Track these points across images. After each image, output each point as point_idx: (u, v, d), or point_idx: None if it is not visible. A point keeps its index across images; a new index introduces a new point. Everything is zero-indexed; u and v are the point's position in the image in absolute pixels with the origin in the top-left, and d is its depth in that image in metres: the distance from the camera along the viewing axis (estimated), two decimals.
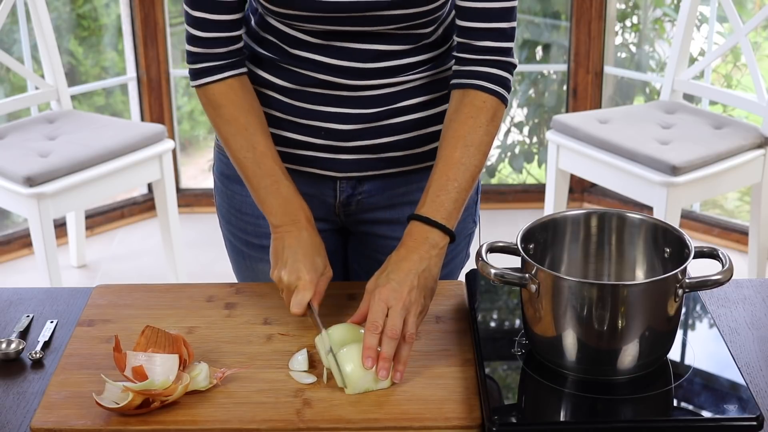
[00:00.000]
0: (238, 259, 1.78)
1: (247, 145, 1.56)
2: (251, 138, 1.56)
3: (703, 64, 3.47)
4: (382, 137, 1.62)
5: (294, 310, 1.47)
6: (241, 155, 1.57)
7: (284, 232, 1.54)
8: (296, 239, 1.52)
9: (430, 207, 1.48)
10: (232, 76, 1.58)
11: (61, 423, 1.30)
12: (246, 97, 1.59)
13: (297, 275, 1.49)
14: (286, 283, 1.49)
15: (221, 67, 1.57)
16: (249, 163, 1.57)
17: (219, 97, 1.58)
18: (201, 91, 1.59)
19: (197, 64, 1.58)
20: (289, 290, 1.49)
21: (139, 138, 3.27)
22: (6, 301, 1.62)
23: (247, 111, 1.58)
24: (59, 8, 4.10)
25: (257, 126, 1.57)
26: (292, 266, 1.49)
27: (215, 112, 1.58)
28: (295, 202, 1.56)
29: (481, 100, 1.52)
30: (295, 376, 1.39)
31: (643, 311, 1.31)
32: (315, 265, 1.50)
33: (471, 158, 1.50)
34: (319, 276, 1.50)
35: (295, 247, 1.51)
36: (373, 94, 1.60)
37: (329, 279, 1.53)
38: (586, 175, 3.39)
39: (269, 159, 1.57)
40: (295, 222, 1.54)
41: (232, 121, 1.57)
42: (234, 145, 1.57)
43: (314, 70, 1.58)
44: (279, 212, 1.55)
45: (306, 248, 1.52)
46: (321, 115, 1.61)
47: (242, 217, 1.72)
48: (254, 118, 1.58)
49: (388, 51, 1.57)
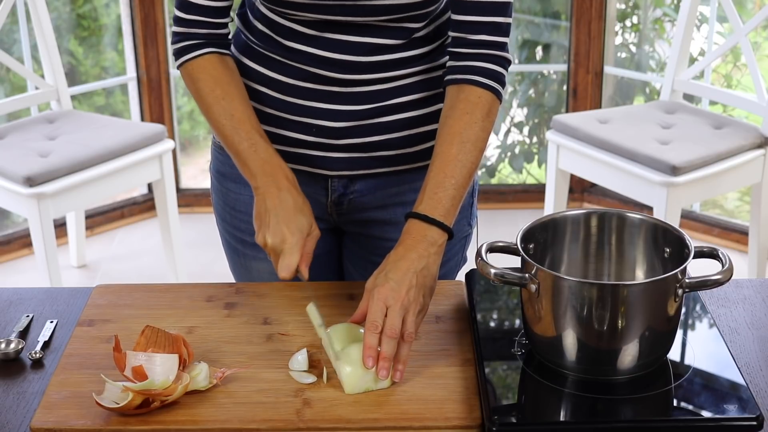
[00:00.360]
0: (233, 257, 1.79)
1: (225, 113, 1.57)
2: (228, 106, 1.57)
3: (703, 64, 3.47)
4: (373, 135, 1.62)
5: (282, 274, 1.46)
6: (219, 124, 1.57)
7: (265, 193, 1.52)
8: (277, 199, 1.51)
9: (427, 204, 1.47)
10: (211, 52, 1.60)
11: (61, 423, 1.30)
12: (224, 71, 1.60)
13: (281, 237, 1.47)
14: (271, 245, 1.48)
15: (201, 44, 1.60)
16: (227, 130, 1.57)
17: (197, 70, 1.59)
18: (182, 69, 1.61)
19: (179, 44, 1.61)
20: (276, 253, 1.48)
21: (139, 138, 3.27)
22: (6, 301, 1.62)
23: (225, 82, 1.59)
24: (59, 8, 4.10)
25: (234, 94, 1.58)
26: (275, 228, 1.48)
27: (194, 86, 1.60)
28: (274, 162, 1.55)
29: (476, 96, 1.52)
30: (295, 376, 1.39)
31: (643, 311, 1.31)
32: (299, 225, 1.48)
33: (467, 154, 1.50)
34: (305, 236, 1.49)
35: (277, 209, 1.50)
36: (365, 90, 1.60)
37: (317, 238, 1.51)
38: (586, 175, 3.39)
39: (246, 124, 1.57)
40: (275, 182, 1.52)
41: (209, 92, 1.58)
42: (213, 115, 1.58)
43: (306, 63, 1.59)
44: (258, 173, 1.54)
45: (288, 208, 1.50)
46: (313, 111, 1.61)
47: (236, 215, 1.73)
48: (232, 88, 1.59)
49: (380, 45, 1.57)
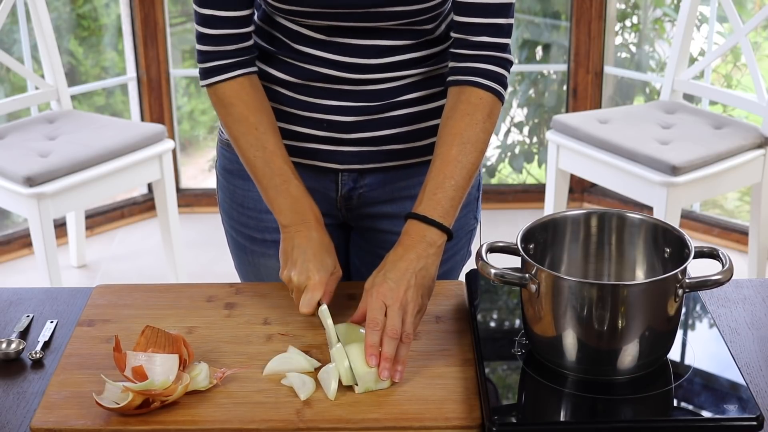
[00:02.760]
0: (240, 254, 1.79)
1: (257, 144, 1.56)
2: (261, 137, 1.56)
3: (703, 64, 3.47)
4: (382, 130, 1.63)
5: (303, 310, 1.47)
6: (250, 154, 1.57)
7: (294, 232, 1.54)
8: (306, 239, 1.52)
9: (427, 205, 1.48)
10: (242, 74, 1.58)
11: (61, 423, 1.30)
12: (256, 96, 1.59)
13: (307, 275, 1.48)
14: (296, 283, 1.49)
15: (231, 65, 1.58)
16: (259, 162, 1.57)
17: (229, 96, 1.58)
18: (211, 90, 1.59)
19: (207, 63, 1.58)
20: (299, 290, 1.49)
21: (139, 138, 3.27)
22: (6, 301, 1.62)
23: (257, 110, 1.58)
24: (59, 8, 4.10)
25: (267, 125, 1.58)
26: (302, 266, 1.49)
27: (225, 110, 1.59)
28: (305, 202, 1.56)
29: (478, 97, 1.52)
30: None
31: (643, 311, 1.31)
32: (325, 264, 1.50)
33: (468, 155, 1.50)
34: (329, 275, 1.50)
35: (304, 247, 1.51)
36: (375, 88, 1.60)
37: (339, 278, 1.53)
38: (586, 175, 3.39)
39: (279, 158, 1.57)
40: (304, 221, 1.54)
41: (242, 120, 1.57)
42: (244, 144, 1.57)
43: (318, 65, 1.59)
44: (288, 212, 1.55)
45: (315, 248, 1.51)
46: (323, 107, 1.62)
47: (244, 211, 1.73)
48: (264, 117, 1.58)
49: (390, 46, 1.57)
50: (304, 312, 1.47)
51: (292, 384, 1.37)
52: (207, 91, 1.61)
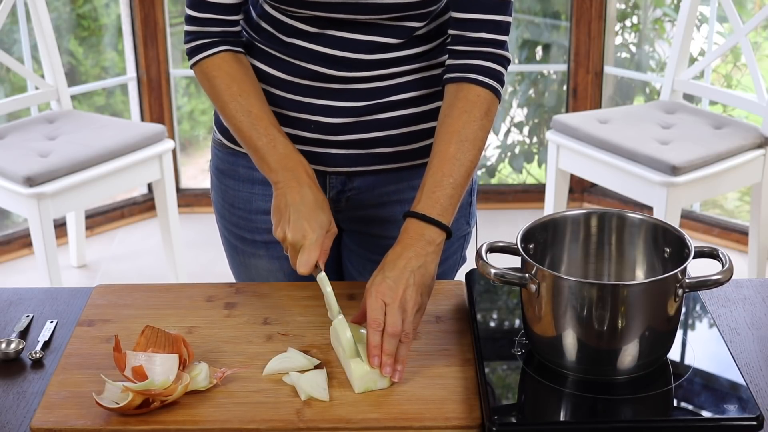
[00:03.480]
0: (232, 254, 1.79)
1: (242, 109, 1.57)
2: (245, 103, 1.57)
3: (703, 64, 3.47)
4: (372, 132, 1.62)
5: (301, 270, 1.46)
6: (237, 120, 1.57)
7: (285, 188, 1.52)
8: (299, 194, 1.50)
9: (425, 203, 1.47)
10: (225, 50, 1.60)
11: (61, 423, 1.30)
12: (240, 68, 1.60)
13: (302, 233, 1.47)
14: (290, 240, 1.48)
15: (215, 42, 1.60)
16: (245, 127, 1.56)
17: (212, 69, 1.59)
18: (197, 68, 1.61)
19: (192, 43, 1.60)
20: (294, 248, 1.48)
21: (139, 138, 3.27)
22: (6, 301, 1.62)
23: (240, 79, 1.58)
24: (59, 8, 4.10)
25: (251, 91, 1.58)
26: (296, 223, 1.48)
27: (209, 84, 1.60)
28: (294, 157, 1.55)
29: (475, 94, 1.52)
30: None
31: (643, 311, 1.31)
32: (320, 221, 1.49)
33: (466, 153, 1.50)
34: (325, 233, 1.49)
35: (298, 204, 1.49)
36: (364, 87, 1.60)
37: (334, 235, 1.51)
38: (586, 175, 3.39)
39: (264, 120, 1.57)
40: (296, 177, 1.52)
41: (226, 89, 1.58)
42: (229, 112, 1.58)
43: (307, 60, 1.59)
44: (278, 167, 1.54)
45: (309, 204, 1.50)
46: (311, 107, 1.61)
47: (235, 211, 1.73)
48: (248, 85, 1.58)
49: (381, 43, 1.57)
50: (301, 272, 1.45)
51: (292, 382, 1.36)
52: (194, 72, 1.62)
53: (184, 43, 1.62)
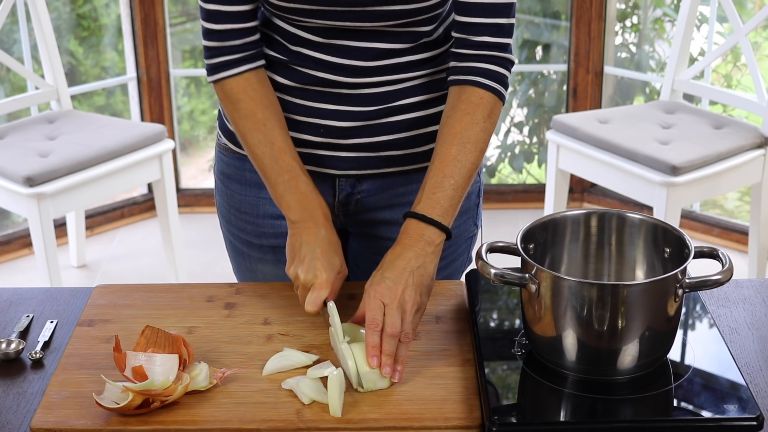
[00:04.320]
0: (237, 258, 1.78)
1: (265, 140, 1.56)
2: (269, 133, 1.56)
3: (703, 64, 3.47)
4: (380, 135, 1.62)
5: (309, 308, 1.46)
6: (258, 150, 1.57)
7: (302, 228, 1.53)
8: (314, 236, 1.52)
9: (425, 204, 1.48)
10: (248, 69, 1.58)
11: (61, 423, 1.30)
12: (263, 92, 1.58)
13: (314, 273, 1.48)
14: (302, 281, 1.49)
15: (238, 60, 1.57)
16: (266, 158, 1.56)
17: (236, 91, 1.58)
18: (218, 86, 1.59)
19: (214, 59, 1.58)
20: (305, 288, 1.49)
21: (139, 138, 3.27)
22: (6, 301, 1.62)
23: (264, 106, 1.57)
24: (59, 8, 4.10)
25: (275, 121, 1.57)
26: (309, 264, 1.49)
27: (233, 107, 1.58)
28: (313, 198, 1.55)
29: (478, 97, 1.52)
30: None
31: (643, 311, 1.31)
32: (332, 263, 1.50)
33: (467, 155, 1.50)
34: (336, 274, 1.50)
35: (313, 245, 1.51)
36: (373, 92, 1.60)
37: (344, 277, 1.52)
38: (586, 175, 3.39)
39: (287, 155, 1.56)
40: (313, 218, 1.53)
41: (250, 115, 1.57)
42: (251, 141, 1.57)
43: (315, 68, 1.59)
44: (297, 208, 1.54)
45: (324, 246, 1.51)
46: (320, 112, 1.61)
47: (241, 216, 1.73)
48: (272, 113, 1.58)
49: (388, 49, 1.57)
50: (309, 310, 1.46)
51: (291, 387, 1.36)
52: (214, 87, 1.61)
53: (205, 58, 1.59)
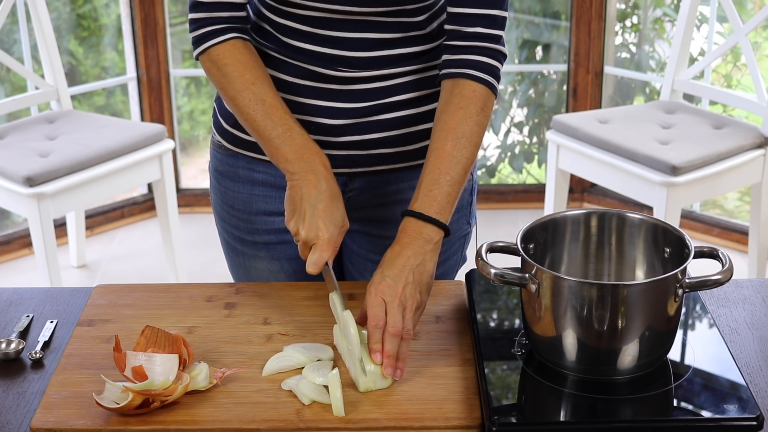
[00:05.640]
0: (231, 255, 1.79)
1: (255, 98, 1.54)
2: (258, 91, 1.54)
3: (703, 64, 3.47)
4: (372, 133, 1.62)
5: (310, 269, 1.45)
6: (249, 110, 1.54)
7: (302, 180, 1.50)
8: (315, 188, 1.49)
9: (423, 202, 1.47)
10: (234, 37, 1.57)
11: (61, 423, 1.30)
12: (250, 56, 1.57)
13: (316, 232, 1.46)
14: (303, 237, 1.46)
15: (223, 29, 1.56)
16: (259, 116, 1.54)
17: (222, 56, 1.56)
18: (204, 56, 1.57)
19: (199, 30, 1.57)
20: (306, 245, 1.47)
21: (139, 138, 3.27)
22: (6, 301, 1.62)
23: (252, 67, 1.56)
24: (59, 8, 4.10)
25: (263, 80, 1.55)
26: (311, 222, 1.46)
27: (220, 72, 1.56)
28: (311, 148, 1.52)
29: (471, 90, 1.52)
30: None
31: (643, 311, 1.31)
32: (334, 218, 1.47)
33: (462, 150, 1.50)
34: (338, 231, 1.48)
35: (314, 200, 1.48)
36: (363, 87, 1.60)
37: (346, 230, 1.51)
38: (586, 175, 3.39)
39: (279, 109, 1.54)
40: (312, 169, 1.50)
41: (238, 77, 1.55)
42: (242, 101, 1.55)
43: (305, 60, 1.58)
44: (294, 158, 1.51)
45: (326, 200, 1.48)
46: (311, 109, 1.61)
47: (234, 213, 1.73)
48: (260, 72, 1.56)
49: (379, 39, 1.57)
50: (310, 271, 1.45)
51: (290, 387, 1.36)
52: (201, 60, 1.58)
53: (190, 32, 1.58)
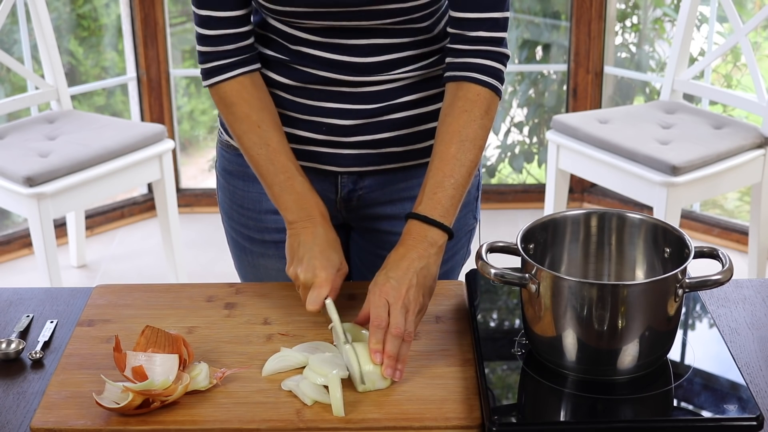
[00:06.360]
0: (240, 254, 1.79)
1: (260, 141, 1.57)
2: (264, 135, 1.57)
3: (703, 64, 3.47)
4: (382, 132, 1.63)
5: (310, 307, 1.46)
6: (254, 152, 1.57)
7: (300, 228, 1.54)
8: (312, 235, 1.52)
9: (427, 205, 1.48)
10: (243, 73, 1.59)
11: (61, 423, 1.30)
12: (258, 95, 1.59)
13: (313, 273, 1.48)
14: (302, 280, 1.49)
15: (232, 64, 1.58)
16: (262, 160, 1.57)
17: (231, 95, 1.58)
18: (213, 90, 1.60)
19: (208, 64, 1.59)
20: (305, 287, 1.49)
21: (139, 138, 3.27)
22: (6, 301, 1.62)
23: (259, 108, 1.58)
24: (59, 8, 4.10)
25: (270, 122, 1.58)
26: (308, 263, 1.49)
27: (228, 110, 1.59)
28: (310, 198, 1.56)
29: (475, 93, 1.52)
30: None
31: (643, 311, 1.31)
32: (331, 261, 1.50)
33: (466, 153, 1.50)
34: (336, 272, 1.50)
35: (310, 244, 1.51)
36: (373, 90, 1.60)
37: (345, 275, 1.52)
38: (586, 175, 3.39)
39: (283, 155, 1.57)
40: (310, 218, 1.54)
41: (245, 118, 1.58)
42: (247, 143, 1.58)
43: (315, 67, 1.59)
44: (294, 208, 1.55)
45: (322, 245, 1.51)
46: (322, 111, 1.62)
47: (243, 212, 1.73)
48: (267, 114, 1.58)
49: (386, 45, 1.57)
50: (310, 309, 1.46)
51: (291, 389, 1.36)
52: (209, 91, 1.61)
53: (199, 63, 1.60)
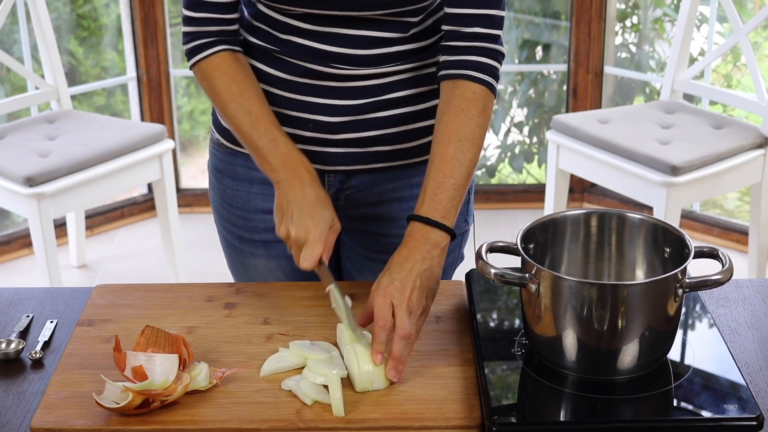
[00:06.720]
0: (230, 253, 1.79)
1: (242, 110, 1.57)
2: (245, 102, 1.57)
3: (703, 64, 3.47)
4: (369, 131, 1.63)
5: (304, 264, 1.46)
6: (237, 121, 1.58)
7: (287, 187, 1.52)
8: (300, 193, 1.51)
9: (428, 206, 1.48)
10: (224, 50, 1.60)
11: (61, 423, 1.30)
12: (239, 68, 1.60)
13: (305, 229, 1.47)
14: (294, 237, 1.48)
15: (213, 42, 1.60)
16: (246, 126, 1.57)
17: (211, 69, 1.60)
18: (196, 68, 1.61)
19: (191, 43, 1.61)
20: (298, 245, 1.48)
21: (139, 138, 3.27)
22: (6, 301, 1.62)
23: (240, 79, 1.59)
24: (59, 8, 4.10)
25: (251, 91, 1.58)
26: (299, 220, 1.48)
27: (209, 84, 1.60)
28: (295, 156, 1.55)
29: (471, 91, 1.52)
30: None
31: (643, 311, 1.31)
32: (323, 217, 1.49)
33: (465, 153, 1.50)
34: (329, 228, 1.49)
35: (300, 201, 1.50)
36: (361, 84, 1.60)
37: (338, 231, 1.52)
38: (586, 175, 3.39)
39: (265, 120, 1.57)
40: (297, 176, 1.53)
41: (225, 89, 1.58)
42: (230, 112, 1.58)
43: (303, 57, 1.59)
44: (279, 167, 1.54)
45: (312, 202, 1.50)
46: (309, 106, 1.62)
47: (234, 211, 1.73)
48: (248, 84, 1.59)
49: (378, 38, 1.57)
50: (304, 267, 1.46)
51: (291, 389, 1.36)
52: (194, 73, 1.62)
53: (183, 44, 1.62)
